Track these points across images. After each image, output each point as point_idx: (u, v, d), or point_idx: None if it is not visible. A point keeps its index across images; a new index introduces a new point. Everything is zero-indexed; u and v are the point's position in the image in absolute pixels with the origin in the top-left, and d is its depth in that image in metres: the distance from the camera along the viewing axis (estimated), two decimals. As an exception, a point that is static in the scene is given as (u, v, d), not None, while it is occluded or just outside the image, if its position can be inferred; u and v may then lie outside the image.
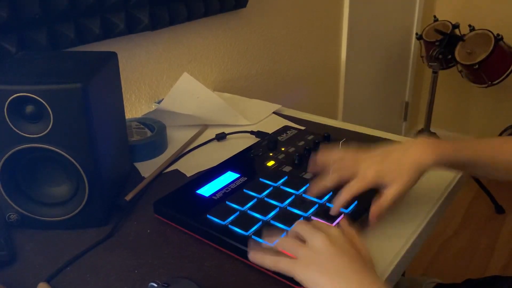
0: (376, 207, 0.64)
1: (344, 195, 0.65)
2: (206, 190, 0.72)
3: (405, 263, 0.65)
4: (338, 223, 0.63)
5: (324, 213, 0.65)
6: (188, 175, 0.85)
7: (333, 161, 0.70)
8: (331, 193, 0.69)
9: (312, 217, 0.65)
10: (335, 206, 0.66)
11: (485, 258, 1.97)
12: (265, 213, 0.66)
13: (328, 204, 0.67)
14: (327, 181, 0.68)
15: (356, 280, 0.51)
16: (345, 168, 0.68)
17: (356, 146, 0.71)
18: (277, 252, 0.56)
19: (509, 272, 1.87)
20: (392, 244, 0.65)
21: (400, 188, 0.64)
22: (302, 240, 0.56)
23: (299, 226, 0.58)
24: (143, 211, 0.73)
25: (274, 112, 1.12)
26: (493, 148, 0.70)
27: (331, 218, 0.64)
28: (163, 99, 1.09)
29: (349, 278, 0.51)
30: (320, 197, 0.69)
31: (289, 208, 0.67)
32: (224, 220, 0.65)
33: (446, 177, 0.81)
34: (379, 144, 0.69)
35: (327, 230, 0.56)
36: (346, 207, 0.66)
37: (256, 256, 0.58)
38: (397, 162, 0.65)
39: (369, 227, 0.66)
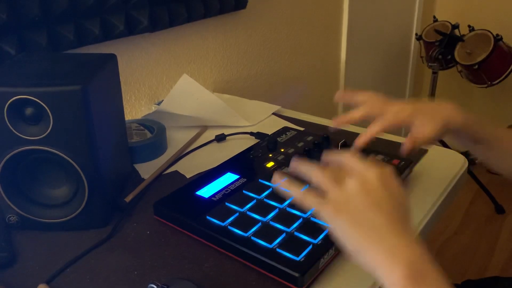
0: (410, 140, 0.62)
1: (377, 125, 0.62)
2: (206, 191, 0.73)
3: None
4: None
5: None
6: (188, 176, 0.85)
7: (361, 101, 0.68)
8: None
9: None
10: (365, 135, 0.62)
11: (485, 258, 1.97)
12: (264, 214, 0.66)
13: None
14: (356, 112, 0.65)
15: (390, 241, 0.45)
16: (375, 106, 0.66)
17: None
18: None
19: (509, 273, 1.87)
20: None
21: (436, 129, 0.63)
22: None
23: (337, 159, 0.52)
24: (142, 213, 0.74)
25: (273, 113, 1.12)
26: (510, 135, 0.70)
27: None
28: (162, 100, 1.09)
29: (384, 237, 0.45)
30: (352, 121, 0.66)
31: (288, 209, 0.67)
32: (223, 221, 0.65)
33: (446, 178, 0.81)
34: (379, 146, 0.69)
35: (365, 174, 0.49)
36: None
37: (282, 181, 0.52)
38: (431, 109, 0.65)
39: None
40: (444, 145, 2.10)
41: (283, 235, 0.61)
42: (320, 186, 0.50)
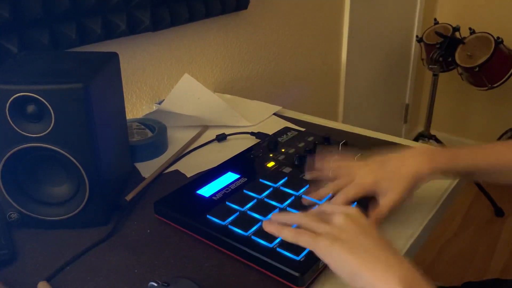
0: (373, 215, 0.64)
1: (341, 197, 0.65)
2: (206, 191, 0.73)
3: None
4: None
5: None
6: (189, 175, 0.85)
7: (330, 168, 0.70)
8: (330, 195, 0.69)
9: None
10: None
11: (485, 260, 1.97)
12: (265, 214, 0.66)
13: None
14: (325, 191, 0.69)
15: (384, 258, 0.48)
16: (342, 176, 0.69)
17: (356, 149, 0.71)
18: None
19: (508, 275, 1.87)
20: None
21: (396, 197, 0.64)
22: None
23: (316, 208, 0.56)
24: (143, 211, 0.74)
25: (274, 114, 1.12)
26: (496, 153, 0.69)
27: None
28: (164, 99, 1.09)
29: (378, 258, 0.48)
30: (320, 199, 0.69)
31: (288, 209, 0.68)
32: (224, 221, 0.65)
33: (445, 181, 0.81)
34: (379, 147, 0.69)
35: (347, 210, 0.54)
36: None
37: (272, 226, 0.56)
38: (394, 171, 0.66)
39: None
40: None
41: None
42: (308, 227, 0.53)
